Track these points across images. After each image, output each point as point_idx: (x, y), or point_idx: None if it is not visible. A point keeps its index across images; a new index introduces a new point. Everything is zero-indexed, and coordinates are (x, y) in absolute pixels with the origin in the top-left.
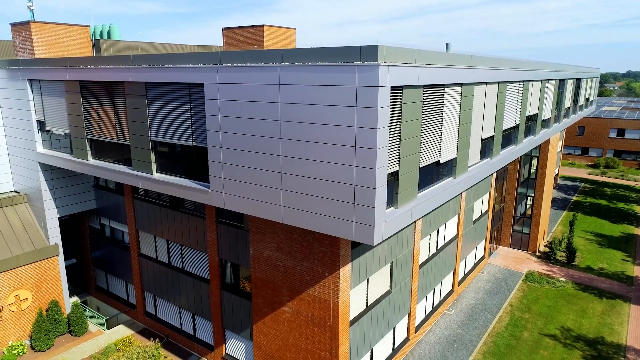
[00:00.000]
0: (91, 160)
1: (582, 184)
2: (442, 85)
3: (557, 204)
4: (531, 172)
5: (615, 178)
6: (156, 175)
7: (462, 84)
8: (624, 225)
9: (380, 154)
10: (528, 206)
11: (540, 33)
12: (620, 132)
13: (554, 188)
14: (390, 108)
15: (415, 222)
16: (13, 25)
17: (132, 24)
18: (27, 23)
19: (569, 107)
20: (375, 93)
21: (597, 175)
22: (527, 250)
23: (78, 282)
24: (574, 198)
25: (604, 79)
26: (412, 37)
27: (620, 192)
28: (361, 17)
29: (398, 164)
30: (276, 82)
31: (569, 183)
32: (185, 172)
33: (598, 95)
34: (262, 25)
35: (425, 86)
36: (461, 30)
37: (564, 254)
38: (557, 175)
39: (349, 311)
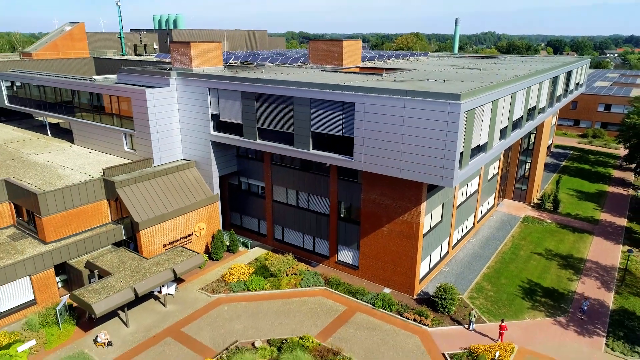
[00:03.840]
0: (258, 141)
1: (572, 152)
2: (483, 104)
3: (549, 168)
4: (529, 145)
5: (600, 146)
6: (312, 151)
7: (492, 101)
8: (600, 185)
9: (458, 144)
10: (526, 169)
11: None
12: (607, 107)
13: (548, 155)
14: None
15: None
16: (173, 43)
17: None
18: (187, 43)
19: (560, 95)
20: (458, 116)
21: (585, 144)
22: (525, 202)
23: None
24: (564, 163)
25: (605, 45)
26: None
27: (602, 159)
28: None
29: (462, 147)
30: (402, 106)
31: (561, 151)
32: (333, 149)
33: (595, 67)
34: (341, 40)
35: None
36: None
37: (551, 204)
38: (551, 144)
39: (423, 229)
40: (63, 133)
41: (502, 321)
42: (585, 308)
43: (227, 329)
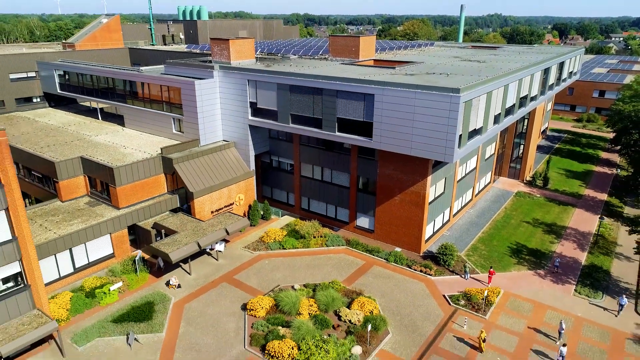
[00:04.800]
0: (291, 125)
1: (565, 135)
2: (479, 96)
3: (543, 150)
4: (524, 128)
5: (593, 130)
6: (337, 133)
7: (486, 92)
8: (587, 165)
9: (457, 128)
10: (520, 151)
11: None
12: (602, 93)
13: (543, 138)
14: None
15: None
16: (213, 39)
17: None
18: (226, 40)
19: (552, 83)
20: (457, 106)
21: (579, 128)
22: (518, 179)
23: None
24: (557, 145)
25: (611, 28)
26: None
27: (593, 142)
28: None
29: (461, 130)
30: (413, 97)
31: (555, 134)
32: (355, 132)
33: (596, 53)
34: (359, 36)
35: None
36: None
37: (541, 182)
38: (546, 128)
39: (429, 198)
40: (110, 117)
41: (491, 268)
42: (558, 264)
43: (269, 277)
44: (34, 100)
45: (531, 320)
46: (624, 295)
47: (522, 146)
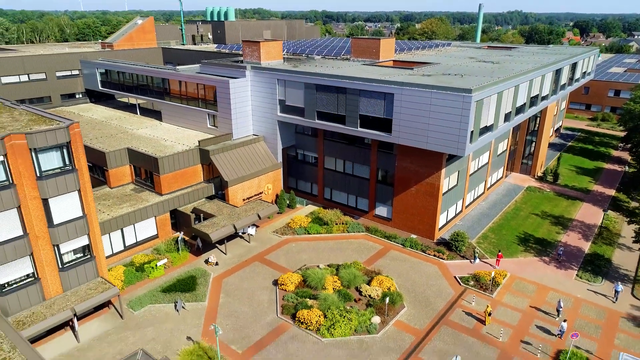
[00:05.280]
0: (316, 121)
1: (579, 133)
2: (489, 95)
3: (556, 147)
4: (535, 126)
5: (607, 129)
6: (359, 129)
7: (497, 92)
8: (598, 162)
9: (469, 125)
10: (532, 147)
11: None
12: (617, 92)
13: (557, 136)
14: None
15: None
16: (245, 42)
17: None
18: (257, 42)
19: (564, 83)
20: (469, 105)
21: (594, 126)
22: (529, 175)
23: None
24: (570, 143)
25: (634, 26)
26: None
27: (606, 140)
28: None
29: (472, 127)
30: (429, 96)
31: (569, 132)
32: (375, 128)
33: (616, 52)
34: (379, 38)
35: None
36: None
37: (552, 177)
38: (560, 126)
39: (442, 189)
40: (147, 112)
41: (499, 252)
42: (561, 252)
43: (297, 257)
44: (77, 96)
45: (534, 300)
46: (619, 282)
47: (533, 143)
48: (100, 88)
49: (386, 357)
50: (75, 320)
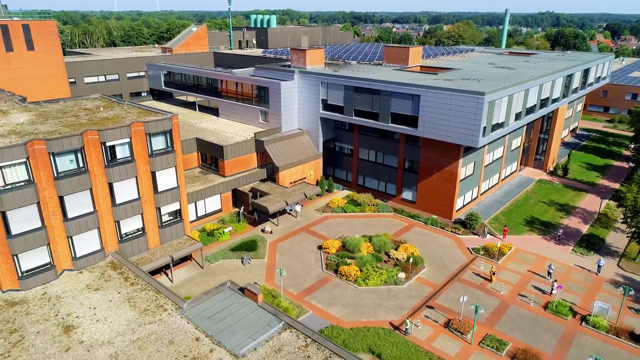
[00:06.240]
0: (354, 117)
1: (594, 134)
2: (501, 97)
3: (570, 146)
4: (548, 125)
5: (623, 130)
6: (390, 124)
7: (508, 95)
8: (608, 160)
9: (482, 122)
10: (545, 145)
11: None
12: (634, 96)
13: (572, 136)
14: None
15: (486, 145)
16: (293, 49)
17: None
18: (304, 50)
19: (577, 87)
20: (482, 105)
21: (610, 128)
22: (541, 169)
23: None
24: (583, 143)
25: None
26: None
27: (619, 140)
28: None
29: (485, 123)
30: (449, 98)
31: (585, 133)
32: (404, 123)
33: (637, 55)
34: (408, 47)
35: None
36: None
37: (562, 172)
38: (576, 127)
39: (460, 176)
40: (204, 109)
41: (505, 227)
42: (560, 232)
43: (336, 230)
44: (142, 94)
45: (533, 266)
46: (601, 258)
47: (546, 141)
48: (163, 87)
49: (410, 300)
50: (171, 264)
